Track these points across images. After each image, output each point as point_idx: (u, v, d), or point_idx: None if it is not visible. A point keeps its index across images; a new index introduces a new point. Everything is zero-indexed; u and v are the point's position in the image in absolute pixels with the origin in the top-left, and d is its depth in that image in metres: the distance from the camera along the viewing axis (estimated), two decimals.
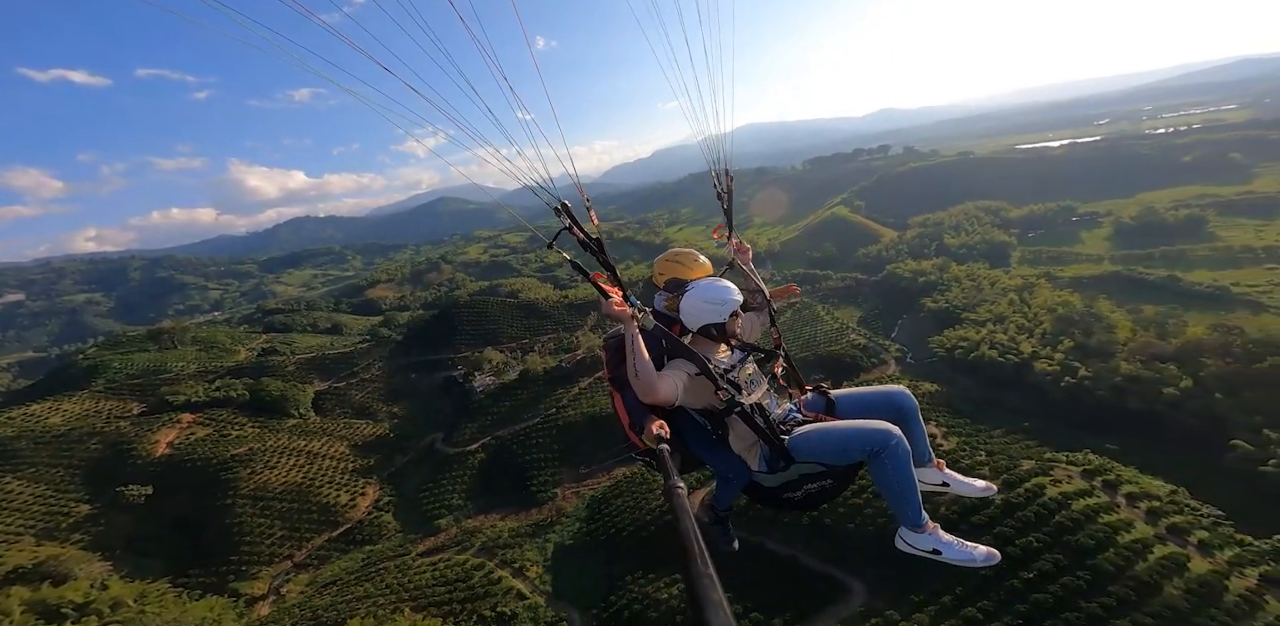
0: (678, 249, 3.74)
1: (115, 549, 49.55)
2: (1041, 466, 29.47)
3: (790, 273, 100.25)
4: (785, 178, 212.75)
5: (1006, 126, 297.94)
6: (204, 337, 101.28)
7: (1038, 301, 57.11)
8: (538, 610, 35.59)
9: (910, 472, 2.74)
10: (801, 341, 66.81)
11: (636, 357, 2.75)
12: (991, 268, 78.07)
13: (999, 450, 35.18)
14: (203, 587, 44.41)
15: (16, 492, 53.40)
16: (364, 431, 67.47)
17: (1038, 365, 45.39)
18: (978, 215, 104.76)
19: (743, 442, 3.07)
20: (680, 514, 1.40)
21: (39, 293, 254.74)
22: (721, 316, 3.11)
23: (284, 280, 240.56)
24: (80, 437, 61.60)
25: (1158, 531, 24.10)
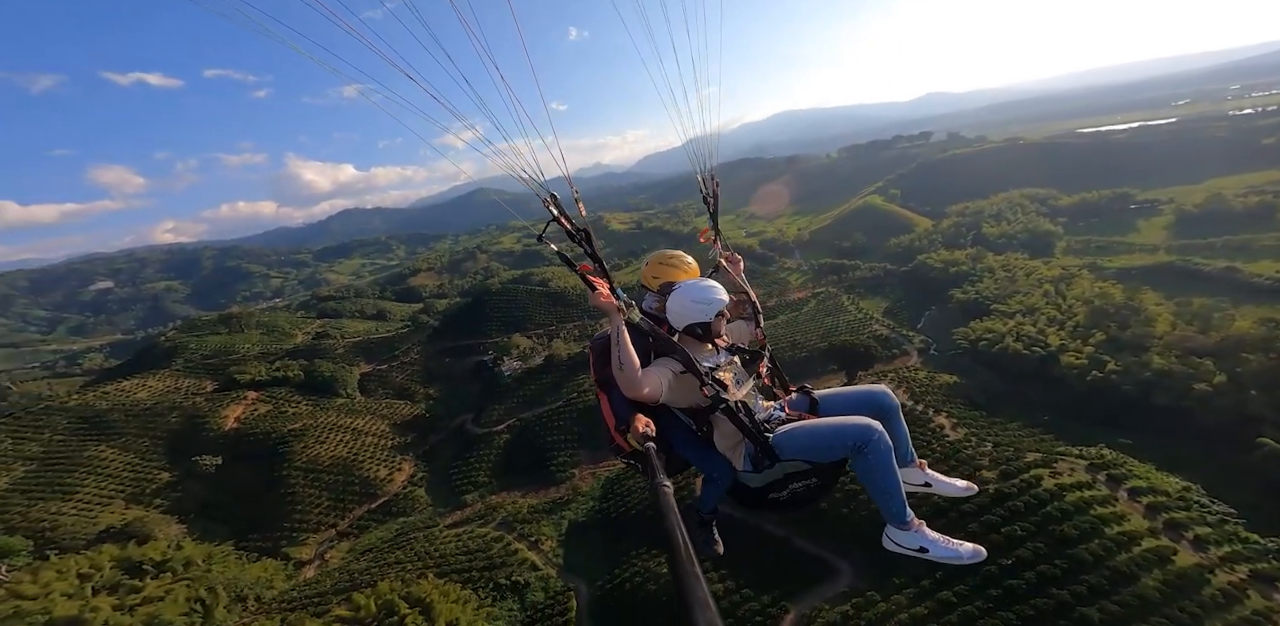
0: (667, 251, 3.74)
1: (189, 513, 55.31)
2: (1046, 459, 29.17)
3: (817, 262, 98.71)
4: (817, 167, 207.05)
5: (1067, 109, 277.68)
6: (266, 322, 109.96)
7: (1074, 293, 54.60)
8: (549, 581, 38.21)
9: (893, 468, 2.74)
10: (822, 331, 66.46)
11: (622, 351, 2.74)
12: (1031, 258, 74.56)
13: (1008, 442, 34.76)
14: (260, 551, 49.11)
15: (110, 460, 60.14)
16: (402, 411, 72.32)
17: (1064, 358, 43.86)
18: (1022, 203, 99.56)
19: (727, 441, 3.06)
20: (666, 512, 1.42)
21: (125, 280, 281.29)
22: (707, 316, 3.12)
23: (336, 269, 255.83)
24: (162, 411, 68.38)
25: (1153, 526, 23.79)
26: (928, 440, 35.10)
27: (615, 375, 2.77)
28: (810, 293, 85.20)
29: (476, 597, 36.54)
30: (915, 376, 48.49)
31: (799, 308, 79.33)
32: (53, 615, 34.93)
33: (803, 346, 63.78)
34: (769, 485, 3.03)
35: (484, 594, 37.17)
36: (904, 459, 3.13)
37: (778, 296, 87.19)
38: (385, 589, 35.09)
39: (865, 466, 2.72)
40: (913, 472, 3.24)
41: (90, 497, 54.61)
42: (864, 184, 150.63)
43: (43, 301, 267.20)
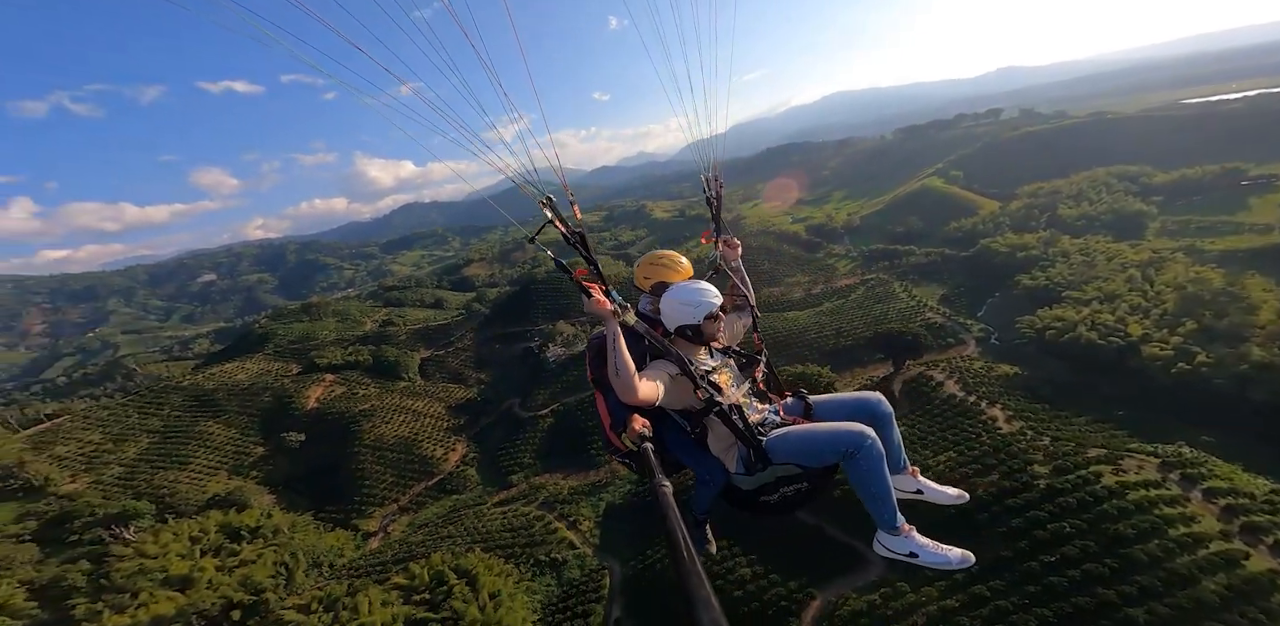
0: (658, 251, 3.71)
1: (277, 485, 60.97)
2: (1111, 455, 27.00)
3: (868, 248, 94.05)
4: (869, 149, 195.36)
5: (1166, 79, 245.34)
6: (340, 310, 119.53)
7: (1165, 278, 48.99)
8: (584, 559, 39.90)
9: (884, 474, 2.75)
10: (869, 319, 63.81)
11: (617, 356, 2.72)
12: (1116, 241, 67.41)
13: (1070, 437, 32.24)
14: (333, 521, 53.80)
15: (216, 434, 67.35)
16: (457, 395, 76.78)
17: (1146, 349, 39.70)
18: (1108, 182, 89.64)
19: (721, 444, 3.08)
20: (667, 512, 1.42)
21: (225, 273, 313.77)
22: (695, 318, 3.09)
23: (399, 260, 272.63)
24: (257, 391, 75.79)
25: (1227, 528, 21.55)
26: (977, 433, 33.29)
27: (611, 380, 2.75)
28: (859, 279, 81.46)
29: (518, 572, 38.83)
30: (970, 366, 45.68)
31: (846, 295, 76.32)
32: (169, 573, 40.46)
33: (848, 334, 61.62)
34: (760, 488, 3.05)
35: (524, 569, 39.43)
36: (896, 466, 3.16)
37: (824, 283, 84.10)
38: (437, 560, 38.01)
39: (857, 472, 2.73)
40: (905, 479, 3.25)
41: (200, 468, 61.73)
42: (921, 166, 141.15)
43: (159, 293, 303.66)
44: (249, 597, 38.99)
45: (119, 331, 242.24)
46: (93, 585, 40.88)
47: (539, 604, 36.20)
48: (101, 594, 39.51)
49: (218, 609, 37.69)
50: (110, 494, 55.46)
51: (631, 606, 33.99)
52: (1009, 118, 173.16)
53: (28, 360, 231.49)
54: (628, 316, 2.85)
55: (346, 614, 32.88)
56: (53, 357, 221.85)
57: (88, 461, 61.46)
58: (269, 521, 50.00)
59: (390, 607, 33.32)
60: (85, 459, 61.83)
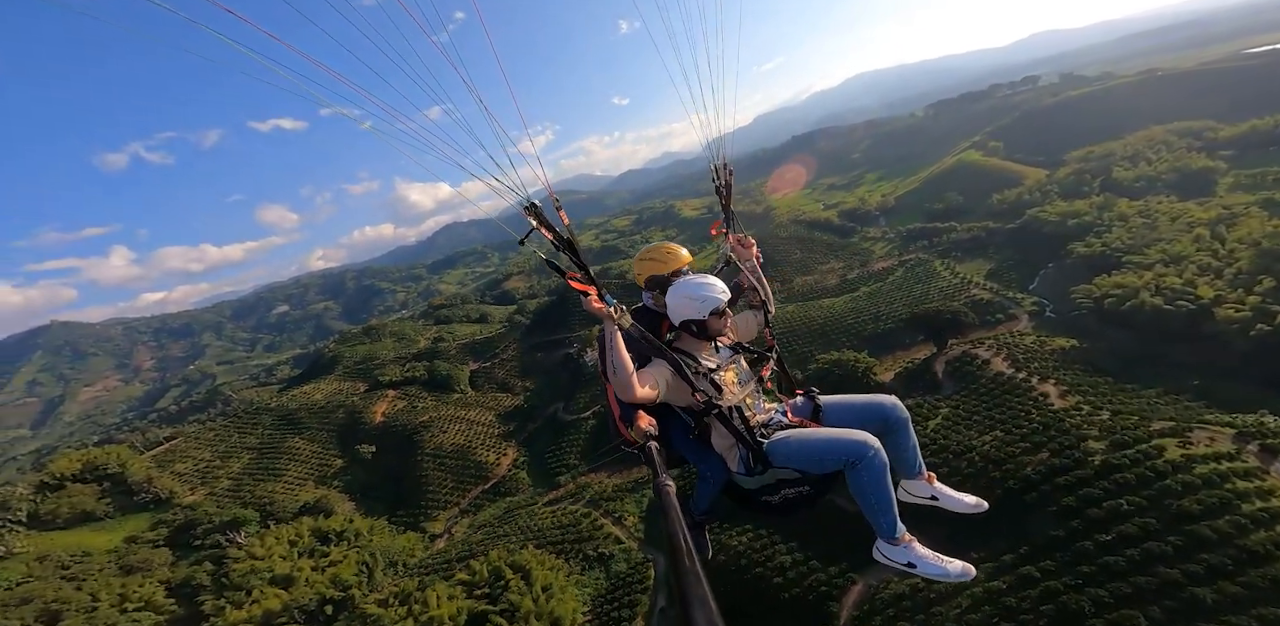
0: (652, 244, 3.65)
1: (355, 493, 66.07)
2: (1178, 427, 25.17)
3: (905, 228, 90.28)
4: (900, 128, 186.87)
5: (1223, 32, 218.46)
6: (396, 331, 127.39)
7: (1238, 235, 44.46)
8: (630, 553, 40.98)
9: (887, 486, 2.70)
10: (909, 300, 61.61)
11: (614, 355, 2.72)
12: (1181, 200, 61.62)
13: (1134, 410, 30.12)
14: (404, 525, 57.91)
15: (301, 448, 73.70)
16: (505, 403, 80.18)
17: (1220, 311, 36.35)
18: (1168, 140, 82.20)
19: (724, 442, 3.03)
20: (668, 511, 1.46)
21: (296, 304, 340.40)
22: (700, 313, 3.05)
23: (445, 279, 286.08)
24: (332, 409, 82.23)
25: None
26: (1026, 410, 31.73)
27: (610, 379, 2.74)
28: (897, 261, 78.44)
29: (568, 566, 40.43)
30: (1020, 342, 43.30)
31: (883, 278, 73.82)
32: (274, 572, 45.76)
33: (887, 317, 59.74)
34: (762, 488, 3.00)
35: (575, 564, 40.99)
36: (911, 471, 3.11)
37: (860, 268, 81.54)
38: (495, 557, 40.39)
39: (858, 482, 2.68)
40: (919, 485, 3.16)
41: (292, 479, 67.83)
42: (957, 141, 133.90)
43: (243, 326, 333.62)
44: (338, 594, 43.26)
45: (214, 363, 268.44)
46: (215, 583, 46.98)
47: (588, 596, 37.55)
48: (223, 591, 45.36)
49: (314, 604, 42.09)
50: (222, 504, 62.36)
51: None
52: (1048, 84, 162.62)
53: (143, 392, 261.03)
54: (622, 320, 2.79)
55: (418, 607, 35.87)
56: (163, 389, 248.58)
57: (201, 476, 69.37)
58: (351, 526, 54.92)
59: (455, 601, 35.87)
60: (199, 474, 69.81)
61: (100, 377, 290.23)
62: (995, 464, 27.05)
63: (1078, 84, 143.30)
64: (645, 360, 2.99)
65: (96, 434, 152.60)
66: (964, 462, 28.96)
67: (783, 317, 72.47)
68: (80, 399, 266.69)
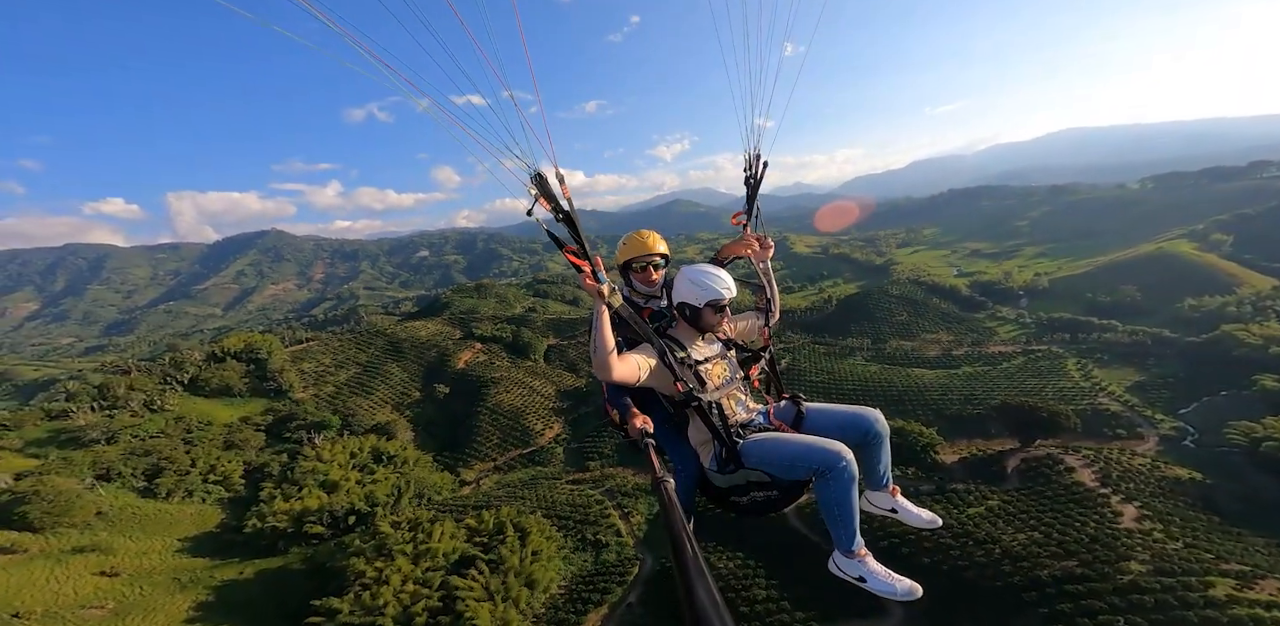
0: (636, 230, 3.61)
1: (419, 426, 74.56)
2: (1251, 572, 21.72)
3: (1049, 315, 79.03)
4: (1099, 199, 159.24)
5: None
6: (501, 293, 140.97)
7: None
8: (624, 547, 43.00)
9: (852, 498, 2.69)
10: (1016, 393, 54.88)
11: (597, 333, 2.70)
12: None
13: (1217, 550, 25.86)
14: (445, 464, 64.63)
15: (394, 374, 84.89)
16: (568, 381, 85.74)
17: None
18: None
19: (700, 436, 3.02)
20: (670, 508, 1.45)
21: (435, 252, 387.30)
22: (697, 300, 3.05)
23: (555, 259, 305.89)
24: (430, 346, 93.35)
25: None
26: (1085, 522, 28.35)
27: (592, 356, 2.74)
28: (1020, 348, 69.71)
29: (564, 541, 43.53)
30: (1127, 460, 37.46)
31: (996, 362, 66.29)
32: (327, 477, 53.23)
33: (980, 403, 54.01)
34: (731, 488, 3.00)
35: (571, 541, 43.93)
36: (878, 483, 3.16)
37: (971, 346, 73.56)
38: (505, 513, 44.50)
39: (825, 492, 2.69)
40: (883, 497, 3.22)
41: (377, 399, 78.72)
42: (1171, 226, 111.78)
43: (392, 261, 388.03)
44: (366, 508, 49.84)
45: (362, 287, 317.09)
46: (280, 475, 55.10)
47: (571, 573, 40.32)
48: (283, 483, 53.20)
49: (343, 511, 48.75)
50: (320, 405, 74.15)
51: (648, 596, 36.23)
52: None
53: (306, 298, 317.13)
54: (614, 299, 2.78)
55: (422, 536, 40.70)
56: (320, 299, 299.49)
57: (316, 377, 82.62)
58: (404, 453, 62.69)
59: (454, 540, 40.41)
60: (316, 375, 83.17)
61: (285, 279, 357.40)
62: (1013, 560, 24.75)
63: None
64: (636, 343, 3.03)
65: (263, 325, 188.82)
66: (980, 551, 26.75)
67: (861, 377, 68.25)
68: (265, 293, 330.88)
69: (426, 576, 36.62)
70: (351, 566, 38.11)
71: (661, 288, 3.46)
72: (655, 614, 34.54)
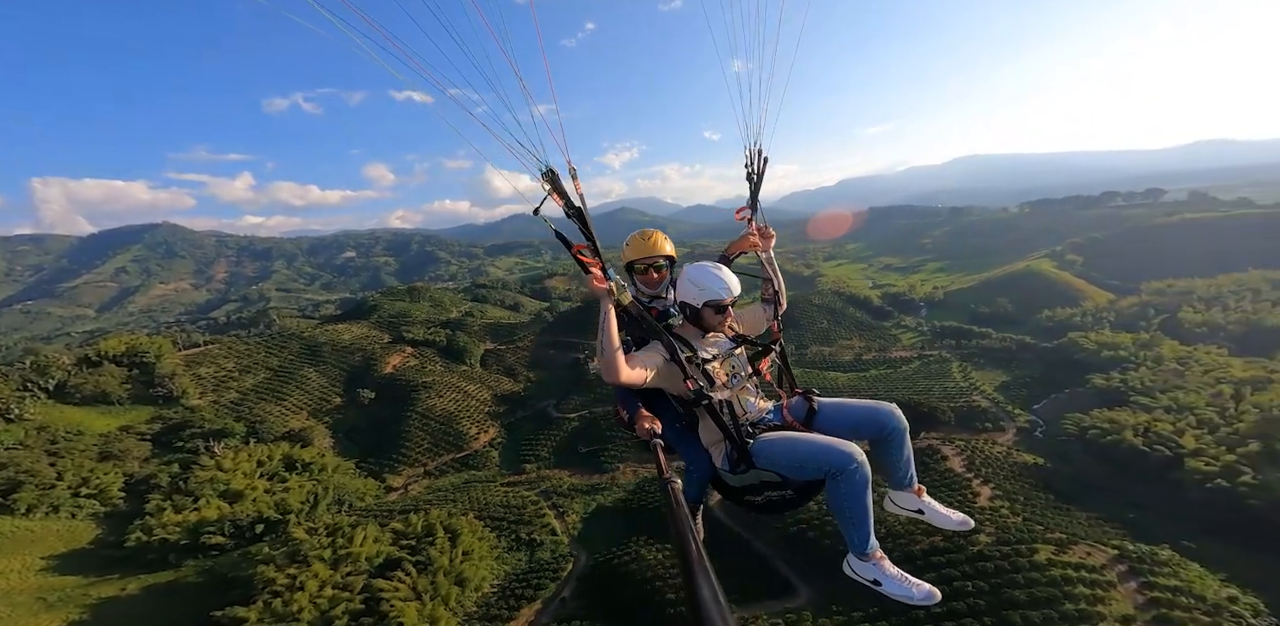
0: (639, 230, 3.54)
1: (340, 432, 70.40)
2: (1068, 540, 27.40)
3: (941, 324, 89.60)
4: (986, 221, 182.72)
5: None
6: (435, 297, 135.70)
7: (1258, 399, 43.11)
8: (559, 546, 43.26)
9: (865, 500, 2.62)
10: (913, 392, 62.07)
11: (605, 334, 2.68)
12: (1233, 355, 59.23)
13: (1048, 524, 31.42)
14: (369, 471, 61.47)
15: (311, 380, 79.33)
16: (505, 386, 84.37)
17: (1191, 462, 36.21)
18: (1259, 287, 78.12)
19: (711, 436, 2.97)
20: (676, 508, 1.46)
21: (363, 253, 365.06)
22: (696, 300, 3.01)
23: (496, 264, 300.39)
24: (353, 350, 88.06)
25: (1136, 615, 22.71)
26: (951, 503, 33.24)
27: (598, 359, 2.72)
28: (917, 353, 78.50)
29: (497, 541, 43.02)
30: (988, 449, 43.74)
31: (897, 366, 74.22)
32: (229, 487, 49.16)
33: None
34: (745, 487, 2.95)
35: (505, 541, 43.51)
36: (902, 482, 3.06)
37: (878, 352, 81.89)
38: (434, 515, 43.27)
39: (836, 493, 2.62)
40: (908, 497, 3.10)
41: (291, 405, 73.18)
42: (1040, 246, 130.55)
43: (312, 261, 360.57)
44: (276, 516, 46.56)
45: (275, 288, 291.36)
46: (171, 486, 49.87)
47: (504, 571, 39.96)
48: (174, 494, 48.20)
49: (249, 520, 45.37)
50: (220, 413, 67.46)
51: (582, 590, 36.81)
52: (1176, 200, 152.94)
53: (204, 299, 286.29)
54: (623, 296, 2.79)
55: (342, 541, 38.67)
56: (221, 301, 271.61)
57: (216, 383, 75.22)
58: (321, 460, 58.49)
59: (379, 544, 38.74)
60: (215, 380, 75.62)
61: (178, 278, 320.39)
62: (894, 538, 28.51)
63: (1204, 206, 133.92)
64: (643, 343, 3.01)
65: (149, 328, 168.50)
66: None
67: None
68: (151, 293, 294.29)
69: (347, 580, 34.97)
70: (259, 574, 35.52)
71: (666, 288, 3.44)
72: (589, 607, 35.14)
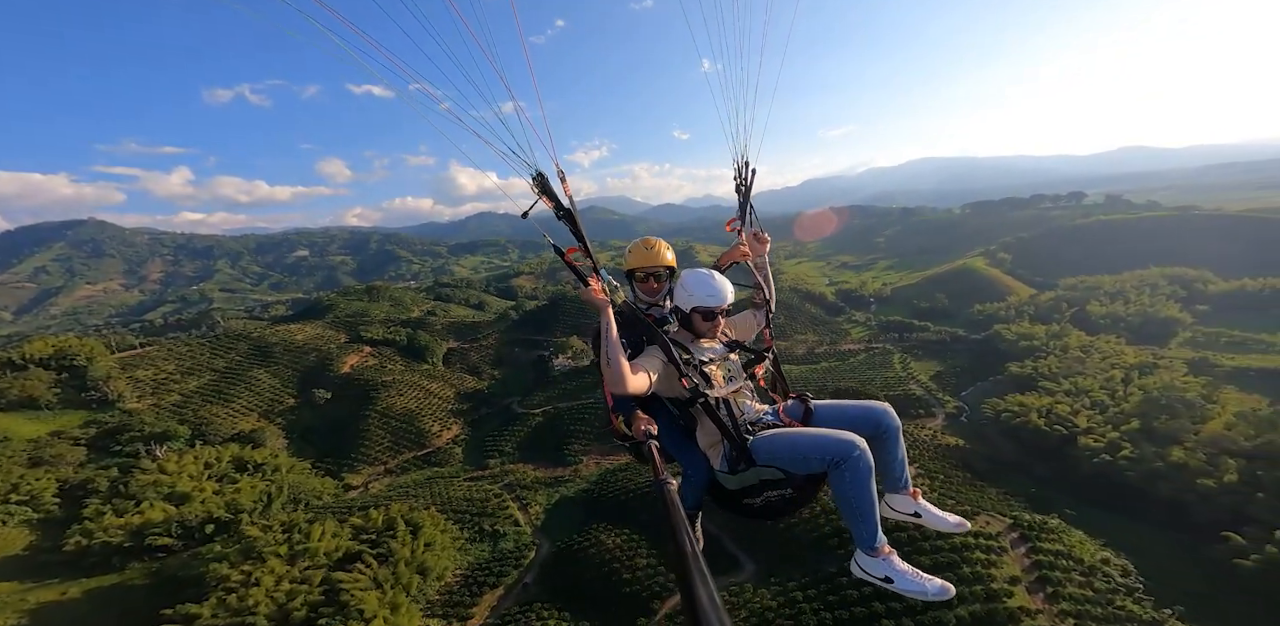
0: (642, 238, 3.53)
1: (294, 432, 69.13)
2: (971, 510, 30.78)
3: (888, 318, 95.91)
4: (933, 221, 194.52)
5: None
6: (395, 297, 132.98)
7: (1144, 382, 49.25)
8: (521, 535, 44.62)
9: (870, 490, 2.59)
10: (857, 382, 66.48)
11: (609, 345, 2.65)
12: (1130, 344, 66.63)
13: (965, 499, 35.36)
14: (326, 471, 60.96)
15: (262, 381, 77.10)
16: (468, 384, 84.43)
17: (1083, 440, 41.18)
18: (1157, 283, 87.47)
19: (708, 439, 2.96)
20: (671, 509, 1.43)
21: (317, 252, 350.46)
22: (684, 304, 3.08)
23: (461, 263, 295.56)
24: (307, 351, 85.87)
25: (1020, 576, 26.19)
26: None
27: (603, 370, 2.68)
28: (865, 346, 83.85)
29: (457, 532, 43.93)
30: (917, 433, 48.03)
31: (846, 358, 79.10)
32: (174, 489, 47.65)
33: (827, 392, 64.46)
34: (744, 489, 2.90)
35: (468, 533, 44.51)
36: (896, 484, 3.02)
37: (829, 345, 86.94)
38: (395, 509, 43.68)
39: (840, 484, 2.58)
40: (904, 500, 3.05)
41: (239, 407, 71.13)
42: (976, 245, 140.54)
43: (260, 261, 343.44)
44: (228, 515, 45.70)
45: (218, 288, 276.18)
46: (111, 490, 47.95)
47: (467, 562, 41.05)
48: (114, 498, 46.39)
49: (198, 521, 44.35)
50: (162, 416, 65.00)
51: (544, 576, 38.48)
52: (1093, 203, 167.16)
53: (136, 301, 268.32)
54: (616, 296, 2.81)
55: (299, 537, 38.63)
56: (157, 302, 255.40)
57: (156, 386, 72.21)
58: (274, 460, 57.26)
59: (338, 539, 38.91)
60: (155, 384, 72.64)
61: (106, 278, 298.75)
62: (826, 514, 31.56)
63: (1116, 209, 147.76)
64: (638, 348, 3.02)
65: (75, 331, 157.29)
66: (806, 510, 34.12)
67: None
68: (76, 295, 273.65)
69: (305, 574, 35.28)
70: (211, 572, 35.36)
71: (665, 296, 3.47)
72: (550, 591, 36.82)
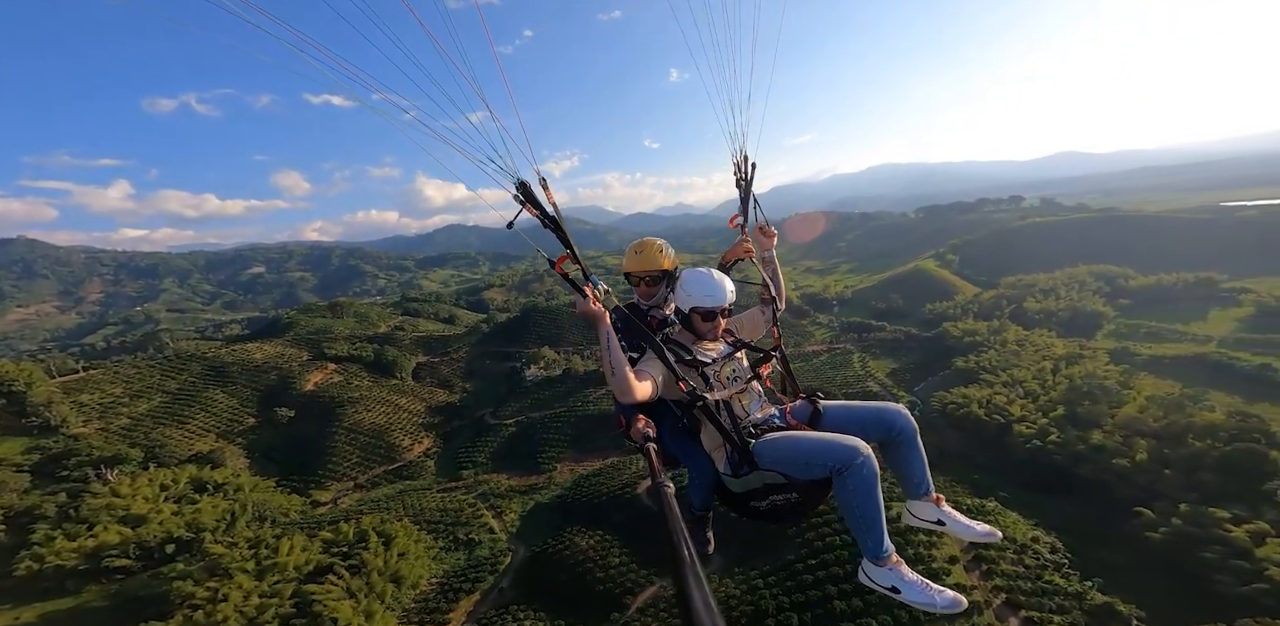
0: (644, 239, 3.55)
1: (256, 452, 67.27)
2: None
3: (848, 320, 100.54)
4: (890, 225, 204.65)
5: (1224, 178, 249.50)
6: (361, 312, 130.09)
7: (1069, 371, 54.00)
8: (496, 542, 45.02)
9: (875, 498, 2.49)
10: (820, 382, 69.57)
11: (611, 355, 2.60)
12: (1062, 336, 72.37)
13: None
14: (293, 488, 59.65)
15: (219, 401, 74.81)
16: (439, 398, 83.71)
17: (1017, 427, 45.00)
18: (1085, 280, 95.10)
19: (712, 441, 2.92)
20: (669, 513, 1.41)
21: (274, 268, 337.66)
22: (683, 305, 3.05)
23: (429, 277, 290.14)
24: (267, 369, 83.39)
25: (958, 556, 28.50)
26: None
27: (608, 381, 2.65)
28: (827, 347, 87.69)
29: (431, 541, 43.97)
30: None
31: (810, 359, 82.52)
32: (130, 512, 45.82)
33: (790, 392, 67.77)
34: (749, 492, 2.83)
35: (443, 542, 44.60)
36: (917, 490, 2.91)
37: (794, 347, 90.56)
38: (367, 522, 43.49)
39: (844, 492, 2.51)
40: (926, 507, 2.91)
41: (195, 428, 68.72)
42: (928, 248, 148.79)
43: (211, 279, 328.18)
44: (189, 534, 44.43)
45: (164, 309, 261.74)
46: (60, 516, 45.69)
47: (443, 570, 41.18)
48: (64, 523, 44.28)
49: (157, 541, 42.97)
50: (111, 440, 62.15)
51: (520, 581, 39.05)
52: (1029, 206, 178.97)
53: (75, 324, 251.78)
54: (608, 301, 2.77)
55: (266, 552, 38.15)
56: (97, 325, 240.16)
57: (103, 410, 68.98)
58: (236, 480, 55.82)
59: (308, 553, 38.56)
60: (102, 408, 69.38)
61: (39, 300, 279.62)
62: None
63: (1049, 211, 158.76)
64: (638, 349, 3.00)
65: (7, 356, 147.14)
66: None
67: None
68: (6, 318, 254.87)
69: (275, 588, 34.88)
70: (176, 590, 34.53)
71: (665, 298, 3.45)
72: (526, 594, 37.46)
